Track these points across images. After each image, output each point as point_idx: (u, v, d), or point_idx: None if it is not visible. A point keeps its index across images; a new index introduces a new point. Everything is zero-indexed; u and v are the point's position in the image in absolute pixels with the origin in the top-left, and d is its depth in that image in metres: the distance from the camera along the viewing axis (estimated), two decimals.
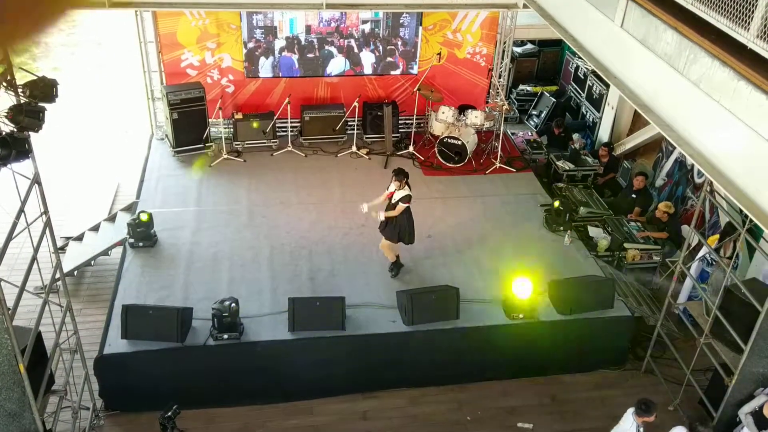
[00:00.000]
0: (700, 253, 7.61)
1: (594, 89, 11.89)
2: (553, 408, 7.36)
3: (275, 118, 10.42)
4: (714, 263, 7.47)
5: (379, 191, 7.78)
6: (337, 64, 10.82)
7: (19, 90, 4.85)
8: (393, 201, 7.44)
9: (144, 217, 8.14)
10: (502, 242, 8.70)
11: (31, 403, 5.09)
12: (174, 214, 8.91)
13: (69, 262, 8.40)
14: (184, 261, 8.07)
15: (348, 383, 7.29)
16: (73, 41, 15.77)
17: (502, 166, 10.41)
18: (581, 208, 9.39)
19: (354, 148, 10.65)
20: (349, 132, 10.85)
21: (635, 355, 7.98)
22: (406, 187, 7.45)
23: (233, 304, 6.75)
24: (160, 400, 6.19)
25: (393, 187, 7.44)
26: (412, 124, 10.98)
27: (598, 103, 11.73)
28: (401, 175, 7.41)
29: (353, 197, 9.32)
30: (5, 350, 4.83)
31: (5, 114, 4.74)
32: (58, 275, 5.98)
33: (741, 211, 5.77)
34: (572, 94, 12.82)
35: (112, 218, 9.22)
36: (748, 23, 4.04)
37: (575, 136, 11.55)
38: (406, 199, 7.41)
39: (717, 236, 7.91)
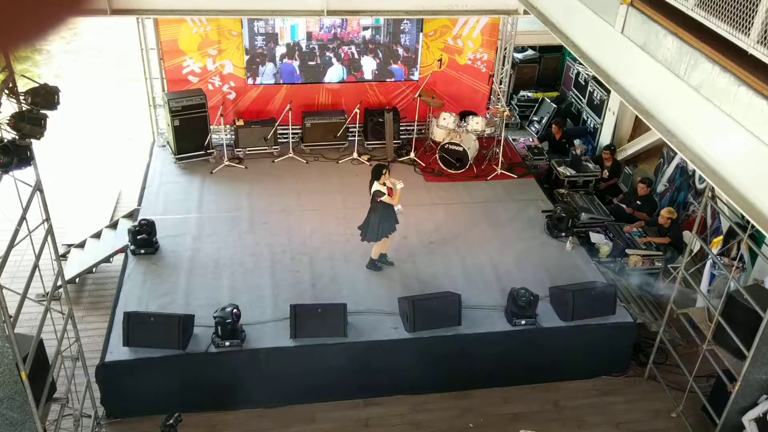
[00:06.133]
0: (709, 260, 7.53)
1: (595, 95, 11.90)
2: (556, 415, 7.34)
3: (276, 124, 10.44)
4: (720, 267, 7.40)
5: None
6: (338, 71, 10.84)
7: (21, 97, 4.86)
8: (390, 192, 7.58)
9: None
10: (504, 248, 8.70)
11: (33, 412, 5.08)
12: (175, 221, 8.91)
13: (71, 269, 8.40)
14: (186, 268, 8.07)
15: (350, 390, 7.28)
16: (74, 48, 15.83)
17: (503, 172, 10.41)
18: (583, 213, 9.38)
19: (355, 155, 10.66)
20: (350, 138, 10.86)
21: (638, 362, 7.96)
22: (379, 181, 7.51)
23: (235, 311, 6.75)
24: (162, 408, 6.18)
25: (389, 183, 7.50)
26: (413, 130, 11.00)
27: (599, 108, 11.73)
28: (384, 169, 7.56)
29: (354, 204, 9.31)
30: (7, 359, 4.82)
31: (7, 121, 4.74)
32: (59, 282, 5.97)
33: (743, 216, 5.76)
34: (573, 100, 12.82)
35: (113, 225, 9.22)
36: (749, 29, 4.04)
37: (576, 141, 11.54)
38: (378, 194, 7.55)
39: (721, 238, 7.87)
